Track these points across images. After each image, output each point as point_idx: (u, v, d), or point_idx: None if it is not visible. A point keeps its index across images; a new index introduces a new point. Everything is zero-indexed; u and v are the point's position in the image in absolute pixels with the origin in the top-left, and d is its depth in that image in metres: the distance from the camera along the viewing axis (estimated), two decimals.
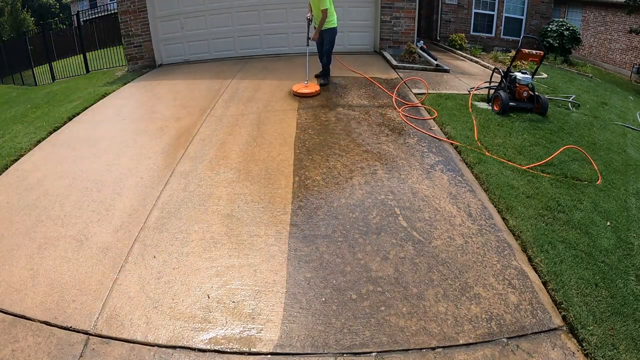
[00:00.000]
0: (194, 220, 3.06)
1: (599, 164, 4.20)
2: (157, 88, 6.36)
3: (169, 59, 8.03)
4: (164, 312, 2.30)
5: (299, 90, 5.54)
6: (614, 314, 2.34)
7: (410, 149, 4.17)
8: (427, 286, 2.49)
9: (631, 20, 12.63)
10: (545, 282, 2.55)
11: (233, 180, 3.58)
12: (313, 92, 5.54)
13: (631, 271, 2.72)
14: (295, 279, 2.53)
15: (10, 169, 3.97)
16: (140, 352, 2.08)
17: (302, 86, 5.63)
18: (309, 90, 5.53)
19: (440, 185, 3.54)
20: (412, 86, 6.02)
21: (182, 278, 2.53)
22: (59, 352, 2.06)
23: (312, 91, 5.54)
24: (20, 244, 2.88)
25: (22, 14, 21.78)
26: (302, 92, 5.50)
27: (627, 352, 2.10)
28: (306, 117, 4.84)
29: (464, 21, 11.66)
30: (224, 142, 4.29)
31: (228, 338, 2.14)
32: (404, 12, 7.84)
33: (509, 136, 4.57)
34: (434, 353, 2.09)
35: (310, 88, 5.59)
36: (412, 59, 7.49)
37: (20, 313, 2.30)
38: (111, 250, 2.79)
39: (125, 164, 3.92)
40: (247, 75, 6.71)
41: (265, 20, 7.85)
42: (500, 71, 5.96)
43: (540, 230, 2.99)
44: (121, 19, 7.60)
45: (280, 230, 2.94)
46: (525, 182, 3.63)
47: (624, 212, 3.43)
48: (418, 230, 2.97)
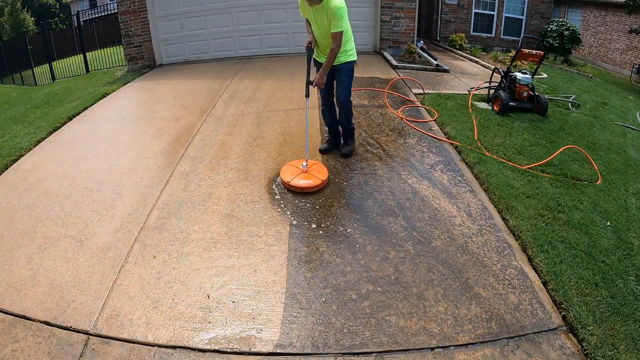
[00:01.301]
0: (194, 220, 3.06)
1: (599, 164, 4.20)
2: (157, 88, 6.36)
3: (169, 59, 8.03)
4: (164, 312, 2.30)
5: (293, 180, 3.32)
6: (614, 314, 2.34)
7: (410, 148, 4.17)
8: (427, 286, 2.49)
9: (631, 20, 12.62)
10: (545, 282, 2.55)
11: (233, 180, 3.58)
12: (315, 184, 3.31)
13: (631, 271, 2.72)
14: (295, 279, 2.53)
15: (10, 169, 3.97)
16: (140, 352, 2.07)
17: (298, 171, 3.43)
18: (308, 182, 3.32)
19: (440, 185, 3.54)
20: (412, 86, 6.02)
21: (182, 278, 2.53)
22: (59, 352, 2.06)
23: (314, 183, 3.32)
24: (20, 244, 2.88)
25: (22, 14, 21.80)
26: (297, 186, 3.30)
27: (627, 352, 2.10)
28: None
29: (464, 21, 11.66)
30: (224, 142, 4.29)
31: (228, 338, 2.14)
32: (404, 12, 7.84)
33: (509, 136, 4.57)
34: (434, 353, 2.09)
35: (312, 176, 3.38)
36: (412, 59, 7.49)
37: (20, 313, 2.30)
38: (111, 250, 2.78)
39: (125, 164, 3.92)
40: (247, 75, 6.71)
41: (265, 20, 7.86)
42: (500, 71, 5.96)
43: (540, 230, 2.99)
44: (121, 19, 7.61)
45: (280, 230, 2.94)
46: (525, 182, 3.63)
47: (624, 212, 3.43)
48: (418, 230, 2.96)
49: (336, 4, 3.19)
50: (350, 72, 3.60)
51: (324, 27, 3.36)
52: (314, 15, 3.36)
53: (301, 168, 3.44)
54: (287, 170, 3.47)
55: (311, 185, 3.30)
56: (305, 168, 3.44)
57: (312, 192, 3.30)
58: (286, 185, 3.34)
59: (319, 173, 3.43)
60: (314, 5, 3.30)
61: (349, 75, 3.61)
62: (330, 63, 3.42)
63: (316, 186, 3.31)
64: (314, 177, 3.35)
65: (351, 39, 3.57)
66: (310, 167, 3.48)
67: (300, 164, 3.48)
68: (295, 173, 3.39)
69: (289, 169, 3.49)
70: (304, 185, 3.28)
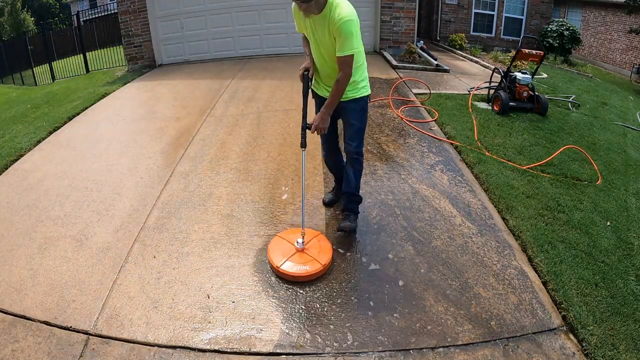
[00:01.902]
0: (194, 220, 3.06)
1: (599, 164, 4.20)
2: (157, 88, 6.36)
3: (169, 59, 8.03)
4: (164, 312, 2.30)
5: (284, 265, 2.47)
6: (614, 314, 2.34)
7: (410, 149, 4.17)
8: (427, 286, 2.49)
9: (631, 20, 12.62)
10: (545, 282, 2.55)
11: (233, 180, 3.58)
12: (314, 271, 2.46)
13: (631, 271, 2.72)
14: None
15: (10, 169, 3.97)
16: (140, 352, 2.07)
17: (292, 250, 2.56)
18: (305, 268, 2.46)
19: (440, 185, 3.54)
20: (412, 86, 6.02)
21: (182, 278, 2.53)
22: (59, 352, 2.06)
23: (313, 270, 2.46)
24: (20, 244, 2.88)
25: (22, 14, 21.80)
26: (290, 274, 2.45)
27: (627, 352, 2.10)
28: None
29: (464, 21, 11.67)
30: (224, 142, 4.29)
31: (228, 338, 2.14)
32: (404, 12, 7.84)
33: (509, 136, 4.57)
34: (434, 353, 2.09)
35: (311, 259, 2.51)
36: (412, 59, 7.49)
37: (20, 313, 2.30)
38: (111, 250, 2.78)
39: (125, 164, 3.92)
40: (247, 75, 6.71)
41: (265, 20, 7.86)
42: (500, 71, 5.97)
43: (540, 230, 2.99)
44: (121, 19, 7.61)
45: (280, 230, 2.93)
46: (525, 182, 3.63)
47: (624, 212, 3.43)
48: (418, 230, 2.96)
49: (343, 15, 2.29)
50: (362, 113, 2.66)
51: (325, 47, 2.45)
52: (312, 30, 2.45)
53: (295, 246, 2.57)
54: (276, 247, 2.59)
55: (308, 272, 2.44)
56: (302, 246, 2.56)
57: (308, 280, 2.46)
58: (275, 271, 2.48)
59: (320, 253, 2.55)
60: (311, 15, 2.37)
61: (361, 118, 2.66)
62: (335, 100, 2.48)
63: (315, 274, 2.45)
64: (313, 261, 2.49)
65: (363, 64, 2.61)
66: (307, 242, 2.58)
67: (295, 240, 2.59)
68: (288, 252, 2.54)
69: (280, 244, 2.61)
70: (298, 273, 2.44)
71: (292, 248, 2.57)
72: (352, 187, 2.78)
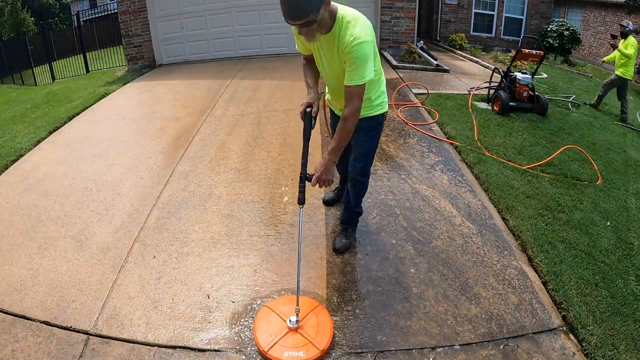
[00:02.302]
0: (194, 220, 3.06)
1: (599, 164, 4.20)
2: (157, 88, 6.36)
3: (169, 59, 8.03)
4: (164, 312, 2.30)
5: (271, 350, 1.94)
6: (614, 314, 2.34)
7: (410, 149, 4.17)
8: (427, 286, 2.49)
9: (631, 21, 12.62)
10: (545, 282, 2.55)
11: (233, 180, 3.58)
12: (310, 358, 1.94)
13: (631, 271, 2.72)
14: (295, 279, 2.52)
15: (10, 169, 3.97)
16: (140, 352, 2.07)
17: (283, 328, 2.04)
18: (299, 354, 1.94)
19: (440, 185, 3.54)
20: (412, 86, 6.02)
21: (182, 278, 2.53)
22: (59, 352, 2.06)
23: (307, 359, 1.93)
24: (20, 244, 2.88)
25: (22, 14, 21.76)
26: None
27: (627, 352, 2.10)
28: None
29: (464, 21, 11.67)
30: (224, 142, 4.29)
31: (228, 338, 2.14)
32: (404, 12, 7.85)
33: (509, 136, 4.57)
34: (434, 353, 2.09)
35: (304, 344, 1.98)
36: (412, 59, 7.49)
37: (20, 313, 2.30)
38: (111, 250, 2.78)
39: (125, 164, 3.92)
40: (247, 75, 6.71)
41: (265, 20, 7.86)
42: (500, 71, 5.97)
43: (540, 230, 2.99)
44: (121, 19, 7.61)
45: (280, 231, 2.94)
46: (525, 182, 3.63)
47: (624, 212, 3.43)
48: (418, 230, 2.96)
49: (356, 35, 1.89)
50: (374, 134, 2.35)
51: (334, 72, 2.12)
52: (318, 48, 2.11)
53: (288, 325, 2.05)
54: (265, 323, 2.08)
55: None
56: (296, 325, 2.04)
57: None
58: (263, 356, 1.97)
59: (319, 334, 2.03)
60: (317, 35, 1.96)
61: (372, 138, 2.36)
62: (342, 145, 2.09)
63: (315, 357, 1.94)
64: (308, 345, 1.98)
65: (380, 78, 2.28)
66: (303, 318, 2.08)
67: (288, 316, 2.08)
68: (279, 331, 2.03)
69: (269, 319, 2.10)
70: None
71: (284, 326, 2.04)
72: (352, 204, 2.60)
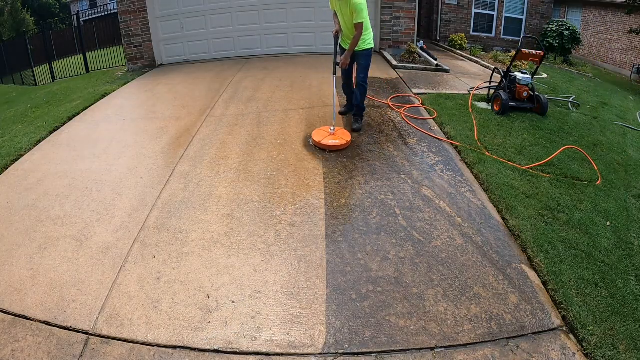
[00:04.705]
0: (194, 220, 3.06)
1: (599, 164, 4.20)
2: (157, 88, 6.36)
3: (169, 59, 8.03)
4: (164, 312, 2.30)
5: (323, 140, 4.06)
6: (614, 314, 2.34)
7: (410, 149, 4.17)
8: (427, 286, 2.49)
9: (631, 20, 12.63)
10: (545, 282, 2.55)
11: (233, 180, 3.58)
12: (342, 144, 4.07)
13: (631, 271, 2.72)
14: (295, 278, 2.53)
15: (10, 169, 3.97)
16: (140, 352, 2.08)
17: (327, 134, 4.17)
18: (337, 141, 4.06)
19: (440, 185, 3.54)
20: (412, 86, 6.02)
21: (182, 278, 2.53)
22: (59, 352, 2.06)
23: (342, 143, 4.07)
24: (20, 244, 2.88)
25: (22, 14, 21.78)
26: (327, 145, 4.04)
27: (627, 352, 2.10)
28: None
29: (464, 21, 11.66)
30: (224, 142, 4.29)
31: (228, 338, 2.14)
32: (404, 12, 7.84)
33: (509, 136, 4.57)
34: (434, 353, 2.09)
35: (339, 137, 4.13)
36: (412, 59, 7.49)
37: (20, 313, 2.30)
38: (111, 250, 2.78)
39: (125, 164, 3.92)
40: (247, 75, 6.70)
41: (265, 20, 7.86)
42: (500, 71, 5.96)
43: (540, 230, 2.99)
44: (121, 19, 7.60)
45: (280, 230, 2.94)
46: (525, 182, 3.63)
47: (624, 212, 3.43)
48: (418, 230, 2.96)
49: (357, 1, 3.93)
50: (368, 57, 4.33)
51: (347, 19, 4.09)
52: (340, 9, 4.10)
53: (329, 132, 4.19)
54: (317, 134, 4.22)
55: (338, 144, 4.05)
56: (333, 131, 4.18)
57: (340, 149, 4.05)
58: (318, 145, 4.06)
59: (344, 135, 4.21)
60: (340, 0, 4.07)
61: (367, 60, 4.34)
62: (352, 47, 4.12)
63: (342, 145, 4.06)
64: (340, 139, 4.11)
65: (369, 29, 4.25)
66: (336, 131, 4.22)
67: (328, 128, 4.24)
68: (325, 135, 4.17)
69: (319, 132, 4.25)
70: (333, 144, 4.04)
71: (327, 133, 4.18)
72: (358, 101, 4.43)
